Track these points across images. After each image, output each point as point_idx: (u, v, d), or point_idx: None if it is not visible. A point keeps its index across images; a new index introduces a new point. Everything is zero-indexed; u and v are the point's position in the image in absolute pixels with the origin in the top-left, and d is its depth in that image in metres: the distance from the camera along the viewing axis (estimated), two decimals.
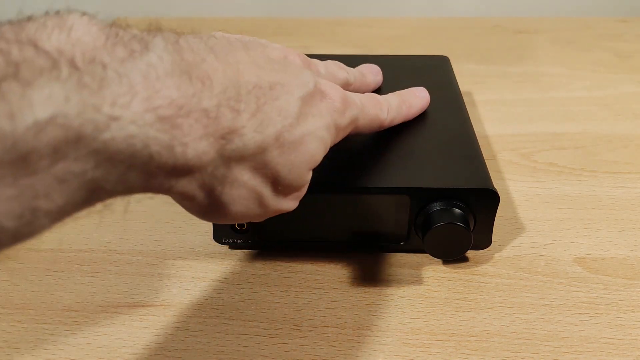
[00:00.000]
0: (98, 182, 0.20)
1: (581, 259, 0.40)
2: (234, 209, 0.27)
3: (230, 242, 0.40)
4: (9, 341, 0.35)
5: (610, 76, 0.67)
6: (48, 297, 0.38)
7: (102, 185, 0.20)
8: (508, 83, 0.66)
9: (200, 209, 0.26)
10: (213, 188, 0.25)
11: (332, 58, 0.56)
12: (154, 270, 0.40)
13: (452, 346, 0.34)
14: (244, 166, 0.25)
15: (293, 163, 0.27)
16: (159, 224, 0.44)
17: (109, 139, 0.19)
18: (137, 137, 0.20)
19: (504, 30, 0.82)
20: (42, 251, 0.41)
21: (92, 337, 0.35)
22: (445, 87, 0.50)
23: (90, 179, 0.20)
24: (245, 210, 0.27)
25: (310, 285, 0.38)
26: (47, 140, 0.17)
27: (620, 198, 0.46)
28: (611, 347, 0.34)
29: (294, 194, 0.30)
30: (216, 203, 0.26)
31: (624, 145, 0.54)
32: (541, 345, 0.34)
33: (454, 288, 0.38)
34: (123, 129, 0.19)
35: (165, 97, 0.21)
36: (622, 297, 0.37)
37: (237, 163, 0.25)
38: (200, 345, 0.34)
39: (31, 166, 0.17)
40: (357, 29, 0.83)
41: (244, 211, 0.27)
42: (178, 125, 0.21)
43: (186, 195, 0.25)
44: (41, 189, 0.18)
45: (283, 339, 0.35)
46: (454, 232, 0.36)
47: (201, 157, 0.23)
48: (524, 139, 0.54)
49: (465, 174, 0.38)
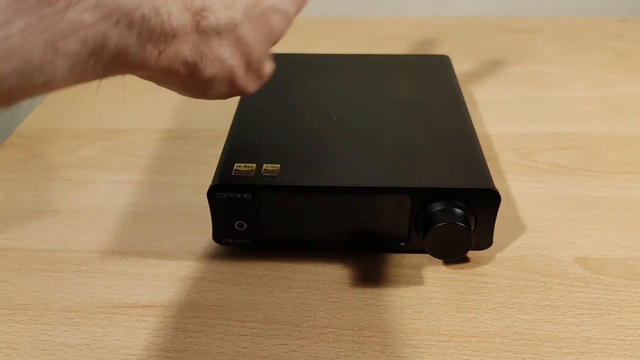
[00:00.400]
0: (102, 39, 0.23)
1: (582, 260, 0.40)
2: (212, 85, 0.30)
3: (230, 243, 0.40)
4: (8, 342, 0.34)
5: (611, 76, 0.67)
6: (47, 298, 0.37)
7: (105, 43, 0.23)
8: (509, 83, 0.66)
9: (184, 85, 0.29)
10: (195, 64, 0.28)
11: (332, 57, 0.56)
12: (153, 270, 0.40)
13: (453, 347, 0.34)
14: (221, 42, 0.29)
15: (260, 37, 0.30)
16: (158, 224, 0.44)
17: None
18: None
19: (504, 30, 0.82)
20: (41, 252, 0.41)
21: (91, 338, 0.35)
22: (446, 87, 0.50)
23: (96, 32, 0.22)
24: (220, 89, 0.31)
25: (310, 285, 0.38)
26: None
27: (622, 198, 0.46)
28: (612, 347, 0.34)
29: (260, 74, 0.33)
30: (198, 80, 0.29)
31: (624, 145, 0.53)
32: (542, 346, 0.34)
33: (455, 289, 0.38)
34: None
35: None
36: (623, 297, 0.37)
37: (215, 39, 0.28)
38: (200, 346, 0.34)
39: (52, 3, 0.20)
40: (358, 28, 0.83)
41: (219, 90, 0.31)
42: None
43: (171, 72, 0.27)
44: (59, 29, 0.21)
45: (283, 339, 0.34)
46: (455, 232, 0.36)
47: (183, 28, 0.26)
48: (525, 139, 0.54)
49: (466, 174, 0.38)
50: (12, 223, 0.44)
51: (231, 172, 0.38)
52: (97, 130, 0.57)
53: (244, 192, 0.37)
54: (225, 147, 0.42)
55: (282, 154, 0.40)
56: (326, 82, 0.50)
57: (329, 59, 0.55)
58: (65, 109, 0.60)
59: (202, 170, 0.50)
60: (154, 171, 0.50)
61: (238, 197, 0.38)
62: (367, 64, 0.54)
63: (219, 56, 0.29)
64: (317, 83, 0.50)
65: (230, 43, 0.29)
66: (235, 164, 0.39)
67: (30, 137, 0.55)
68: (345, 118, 0.44)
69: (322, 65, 0.53)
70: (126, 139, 0.55)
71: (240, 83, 0.31)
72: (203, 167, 0.50)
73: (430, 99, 0.47)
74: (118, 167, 0.51)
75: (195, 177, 0.49)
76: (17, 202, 0.46)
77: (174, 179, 0.49)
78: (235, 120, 0.45)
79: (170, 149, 0.53)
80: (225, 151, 0.41)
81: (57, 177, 0.49)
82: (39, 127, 0.57)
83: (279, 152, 0.40)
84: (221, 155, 0.41)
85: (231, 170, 0.38)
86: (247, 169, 0.38)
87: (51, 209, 0.46)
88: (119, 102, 0.61)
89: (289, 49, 0.57)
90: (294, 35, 0.41)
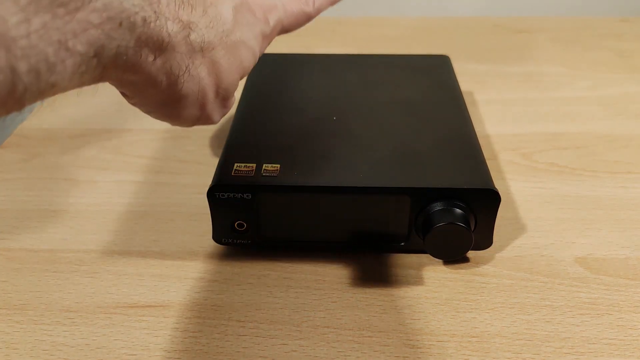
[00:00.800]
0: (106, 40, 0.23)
1: (582, 260, 0.40)
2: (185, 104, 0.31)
3: (230, 243, 0.40)
4: (8, 342, 0.34)
5: (611, 76, 0.67)
6: (47, 298, 0.37)
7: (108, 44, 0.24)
8: (509, 83, 0.66)
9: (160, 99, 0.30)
10: (177, 77, 0.29)
11: (332, 57, 0.56)
12: (153, 270, 0.40)
13: (453, 347, 0.34)
14: (202, 60, 0.30)
15: (231, 66, 0.32)
16: (158, 224, 0.44)
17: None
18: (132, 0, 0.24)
19: (504, 30, 0.82)
20: (41, 251, 0.41)
21: (90, 338, 0.35)
22: (445, 87, 0.50)
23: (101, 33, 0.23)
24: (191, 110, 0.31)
25: (310, 285, 0.38)
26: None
27: (622, 198, 0.46)
28: (612, 347, 0.34)
29: (224, 104, 0.34)
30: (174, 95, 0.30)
31: (624, 145, 0.53)
32: (542, 346, 0.34)
33: (455, 288, 0.38)
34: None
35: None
36: (623, 297, 0.37)
37: (198, 55, 0.29)
38: (200, 346, 0.34)
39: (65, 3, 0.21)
40: (358, 28, 0.83)
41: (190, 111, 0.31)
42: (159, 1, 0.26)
43: (155, 80, 0.28)
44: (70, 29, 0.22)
45: (283, 339, 0.34)
46: (455, 232, 0.36)
47: (176, 35, 0.27)
48: (525, 139, 0.54)
49: (465, 174, 0.38)
50: (12, 223, 0.44)
51: (231, 172, 0.38)
52: (97, 130, 0.57)
53: (244, 192, 0.37)
54: (225, 147, 0.42)
55: (282, 154, 0.40)
56: (326, 82, 0.50)
57: (328, 59, 0.55)
58: (66, 109, 0.60)
59: (202, 170, 0.50)
60: (154, 171, 0.50)
61: (238, 197, 0.38)
62: (367, 64, 0.54)
63: (198, 73, 0.30)
64: (317, 83, 0.50)
65: (208, 63, 0.30)
66: (235, 164, 0.39)
67: (30, 137, 0.55)
68: (345, 118, 0.44)
69: (322, 65, 0.53)
70: (126, 139, 0.55)
71: (209, 107, 0.32)
72: (203, 167, 0.50)
73: (430, 99, 0.47)
74: (118, 167, 0.51)
75: (195, 177, 0.49)
76: (17, 202, 0.46)
77: (174, 179, 0.49)
78: (235, 120, 0.45)
79: (170, 149, 0.53)
80: (225, 151, 0.41)
81: (57, 177, 0.49)
82: (39, 127, 0.57)
83: (279, 152, 0.40)
84: (221, 155, 0.41)
85: (231, 170, 0.38)
86: (247, 169, 0.38)
87: (51, 209, 0.46)
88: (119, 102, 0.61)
89: (289, 49, 0.57)
90: (294, 35, 0.42)
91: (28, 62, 0.21)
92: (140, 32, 0.25)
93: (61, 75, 0.22)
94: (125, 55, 0.25)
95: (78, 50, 0.22)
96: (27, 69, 0.21)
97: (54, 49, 0.21)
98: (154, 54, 0.27)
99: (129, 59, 0.25)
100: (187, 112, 0.31)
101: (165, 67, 0.28)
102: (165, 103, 0.30)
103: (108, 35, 0.23)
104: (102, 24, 0.23)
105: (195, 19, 0.29)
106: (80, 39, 0.22)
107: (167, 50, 0.27)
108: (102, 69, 0.24)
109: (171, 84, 0.29)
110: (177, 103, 0.30)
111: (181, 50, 0.28)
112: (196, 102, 0.31)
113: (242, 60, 0.33)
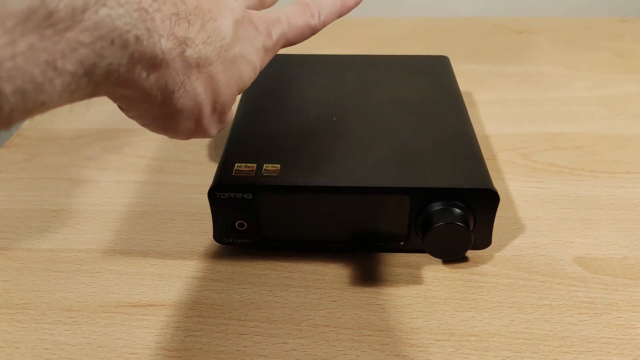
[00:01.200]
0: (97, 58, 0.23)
1: (581, 259, 0.40)
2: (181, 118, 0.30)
3: (230, 242, 0.40)
4: (9, 341, 0.35)
5: (611, 76, 0.67)
6: (48, 297, 0.38)
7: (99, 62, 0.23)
8: (508, 83, 0.66)
9: (155, 113, 0.30)
10: (172, 92, 0.28)
11: (332, 58, 0.56)
12: (154, 270, 0.40)
13: (452, 346, 0.34)
14: (198, 76, 0.29)
15: (229, 81, 0.31)
16: (159, 223, 0.44)
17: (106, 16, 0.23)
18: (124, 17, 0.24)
19: (504, 30, 0.82)
20: (42, 251, 0.41)
21: (92, 337, 0.35)
22: (445, 87, 0.50)
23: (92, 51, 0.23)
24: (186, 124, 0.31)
25: (310, 285, 0.38)
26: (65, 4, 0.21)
27: (620, 198, 0.46)
28: (611, 346, 0.34)
29: (223, 119, 0.34)
30: (169, 109, 0.29)
31: (624, 145, 0.54)
32: (541, 345, 0.34)
33: (454, 288, 0.38)
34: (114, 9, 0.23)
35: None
36: (621, 296, 0.37)
37: (194, 71, 0.29)
38: (200, 345, 0.34)
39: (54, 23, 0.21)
40: (357, 28, 0.83)
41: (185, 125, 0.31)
42: (152, 19, 0.25)
43: (149, 95, 0.28)
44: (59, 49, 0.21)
45: (283, 338, 0.35)
46: (454, 232, 0.36)
47: (170, 52, 0.27)
48: (524, 139, 0.55)
49: (465, 174, 0.38)
50: (14, 223, 0.44)
51: (232, 172, 0.38)
52: (97, 130, 0.57)
53: (244, 192, 0.38)
54: (225, 147, 0.42)
55: (282, 154, 0.40)
56: (326, 82, 0.50)
57: (328, 59, 0.55)
58: (66, 109, 0.60)
59: (203, 170, 0.50)
60: (155, 171, 0.50)
61: (238, 197, 0.38)
62: (366, 65, 0.54)
63: (194, 89, 0.29)
64: (317, 83, 0.50)
65: (204, 79, 0.30)
66: (235, 164, 0.39)
67: (31, 137, 0.56)
68: (345, 118, 0.45)
69: (322, 65, 0.54)
70: (127, 139, 0.55)
71: (205, 122, 0.32)
72: (203, 167, 0.50)
73: (429, 99, 0.48)
74: (119, 167, 0.51)
75: (195, 177, 0.49)
76: (18, 202, 0.47)
77: (174, 178, 0.49)
78: (235, 120, 0.45)
79: (171, 149, 0.53)
80: (225, 151, 0.41)
81: (58, 177, 0.50)
82: (39, 128, 0.57)
83: (279, 152, 0.40)
84: (222, 156, 0.41)
85: (232, 170, 0.39)
86: (248, 169, 0.39)
87: (52, 209, 0.46)
88: None
89: (289, 49, 0.57)
90: None
91: (14, 84, 0.20)
92: (133, 49, 0.24)
93: (49, 94, 0.22)
94: (118, 72, 0.25)
95: (68, 69, 0.22)
96: (12, 90, 0.20)
97: (41, 70, 0.21)
98: (147, 70, 0.26)
99: (122, 76, 0.25)
100: (182, 126, 0.31)
101: (159, 82, 0.27)
102: (161, 117, 0.30)
103: (99, 54, 0.23)
104: (93, 42, 0.22)
105: (192, 34, 0.28)
106: (69, 58, 0.22)
107: (161, 66, 0.27)
108: (94, 86, 0.24)
109: (166, 99, 0.28)
110: (173, 117, 0.30)
111: (176, 66, 0.28)
112: (192, 117, 0.31)
113: (241, 75, 0.32)
